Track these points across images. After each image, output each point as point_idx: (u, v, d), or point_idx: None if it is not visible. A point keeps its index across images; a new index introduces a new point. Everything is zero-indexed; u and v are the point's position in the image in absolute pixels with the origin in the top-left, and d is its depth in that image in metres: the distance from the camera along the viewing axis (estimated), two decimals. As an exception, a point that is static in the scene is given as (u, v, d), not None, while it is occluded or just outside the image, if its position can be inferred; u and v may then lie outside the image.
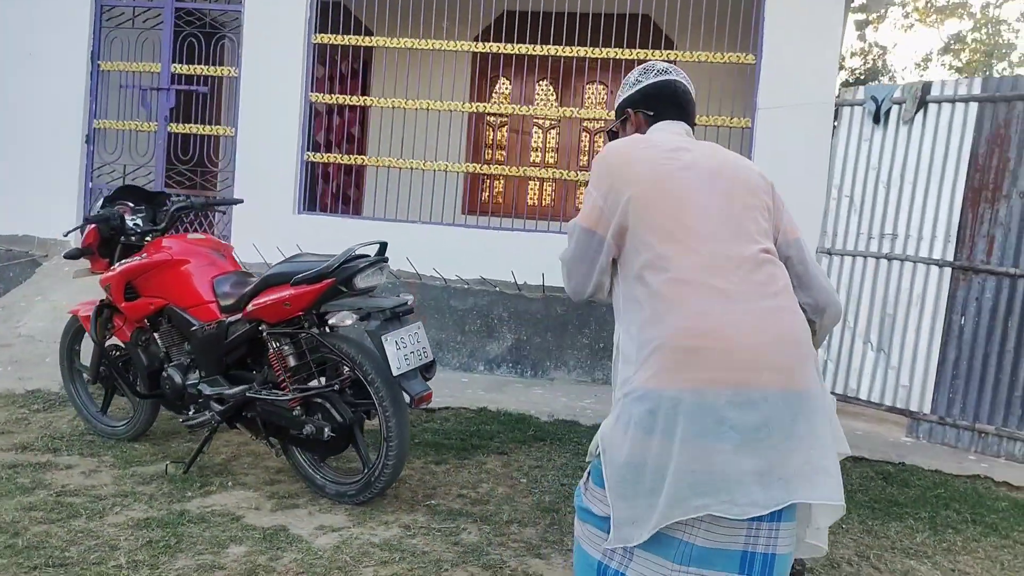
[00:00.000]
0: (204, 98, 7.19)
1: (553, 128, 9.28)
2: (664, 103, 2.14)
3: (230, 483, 3.77)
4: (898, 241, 5.73)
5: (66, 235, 4.53)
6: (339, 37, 6.92)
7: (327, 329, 3.61)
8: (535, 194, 9.15)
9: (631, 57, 6.62)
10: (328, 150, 7.71)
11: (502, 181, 8.63)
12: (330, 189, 7.85)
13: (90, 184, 7.20)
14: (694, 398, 1.71)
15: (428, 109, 6.85)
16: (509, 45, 6.79)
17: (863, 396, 5.80)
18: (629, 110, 2.19)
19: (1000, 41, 24.14)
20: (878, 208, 5.86)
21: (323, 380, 3.59)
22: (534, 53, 6.75)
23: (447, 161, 6.89)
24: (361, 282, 3.42)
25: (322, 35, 6.90)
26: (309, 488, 3.71)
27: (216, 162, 7.51)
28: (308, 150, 6.95)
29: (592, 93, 9.28)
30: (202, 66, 7.09)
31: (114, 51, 7.18)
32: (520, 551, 3.25)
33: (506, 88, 9.36)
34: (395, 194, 7.02)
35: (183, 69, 7.08)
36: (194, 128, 7.20)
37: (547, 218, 7.27)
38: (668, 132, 2.09)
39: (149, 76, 7.24)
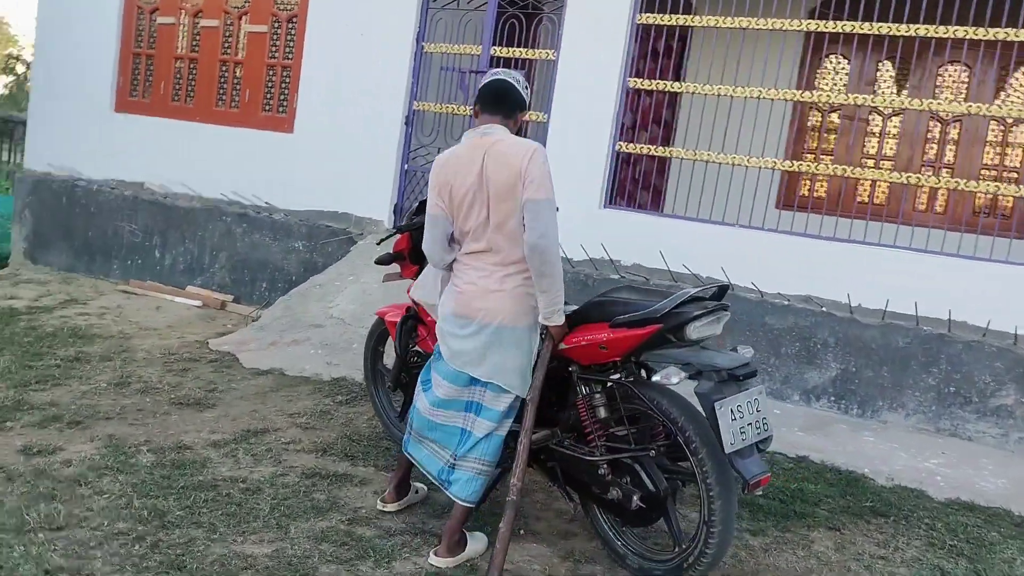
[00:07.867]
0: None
1: (896, 115, 8.02)
2: (484, 101, 3.10)
3: (522, 531, 3.40)
4: None
5: (379, 243, 4.40)
6: (665, 17, 6.31)
7: (645, 378, 3.10)
8: (866, 190, 7.91)
9: (992, 38, 5.36)
10: (634, 134, 7.04)
11: (827, 176, 7.55)
12: (629, 177, 7.18)
13: (405, 166, 7.25)
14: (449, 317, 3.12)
15: (750, 98, 6.03)
16: (846, 23, 5.75)
17: None
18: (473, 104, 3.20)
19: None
20: None
21: (630, 433, 3.07)
22: (876, 33, 5.68)
23: (765, 157, 6.07)
24: (694, 333, 2.83)
25: (647, 15, 6.34)
26: (606, 552, 3.24)
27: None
28: (620, 139, 6.47)
29: (948, 76, 7.88)
30: (521, 49, 6.82)
31: (437, 32, 7.13)
32: None
33: (841, 66, 8.20)
34: (704, 189, 6.28)
35: (502, 52, 6.86)
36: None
37: (881, 218, 6.13)
38: (474, 133, 3.07)
39: (468, 59, 7.12)
